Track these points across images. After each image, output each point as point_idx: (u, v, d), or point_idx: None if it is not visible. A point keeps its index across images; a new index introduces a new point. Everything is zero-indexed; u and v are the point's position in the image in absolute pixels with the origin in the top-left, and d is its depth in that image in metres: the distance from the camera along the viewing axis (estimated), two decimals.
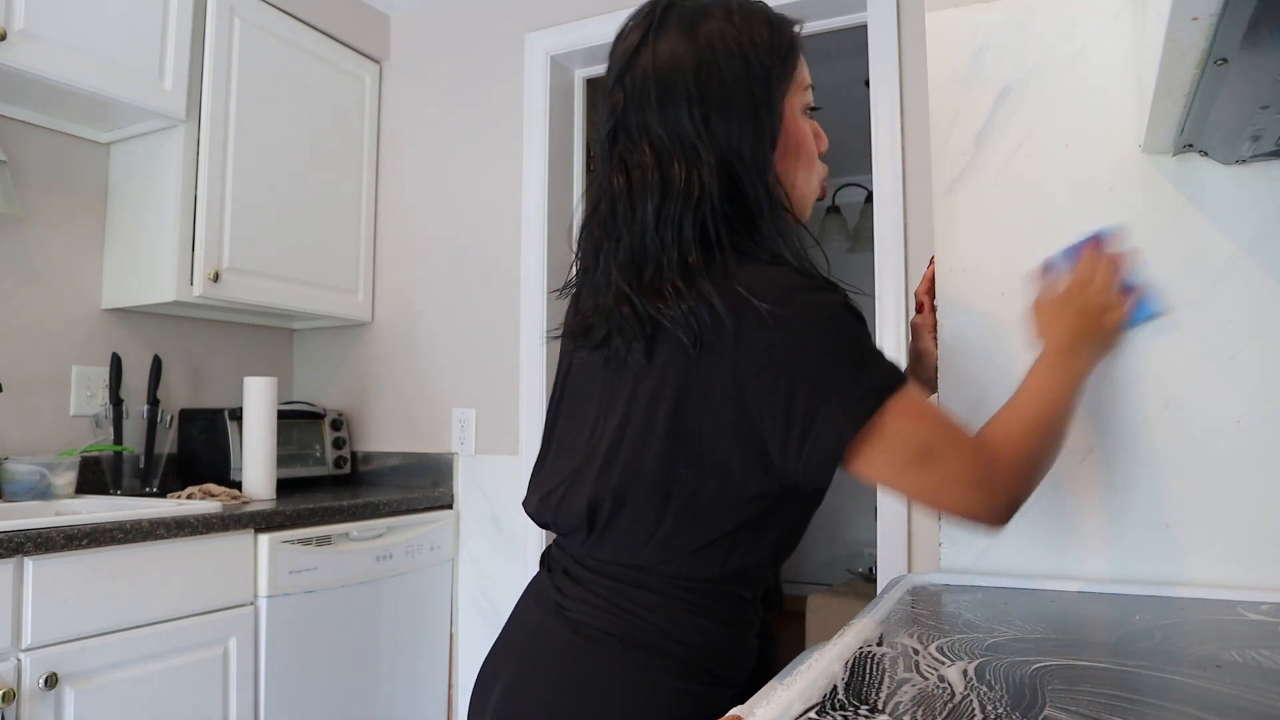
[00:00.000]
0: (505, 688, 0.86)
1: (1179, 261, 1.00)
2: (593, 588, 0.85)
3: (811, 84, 0.91)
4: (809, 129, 0.91)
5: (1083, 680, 0.61)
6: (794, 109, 0.88)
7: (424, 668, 2.32)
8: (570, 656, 0.83)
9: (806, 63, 0.90)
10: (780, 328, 0.76)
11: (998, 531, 0.85)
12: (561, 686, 0.83)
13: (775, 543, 0.87)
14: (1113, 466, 1.01)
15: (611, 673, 0.82)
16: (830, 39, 2.27)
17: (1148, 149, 1.00)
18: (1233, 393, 0.97)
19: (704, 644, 0.83)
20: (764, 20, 0.85)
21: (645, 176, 0.82)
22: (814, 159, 0.91)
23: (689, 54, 0.82)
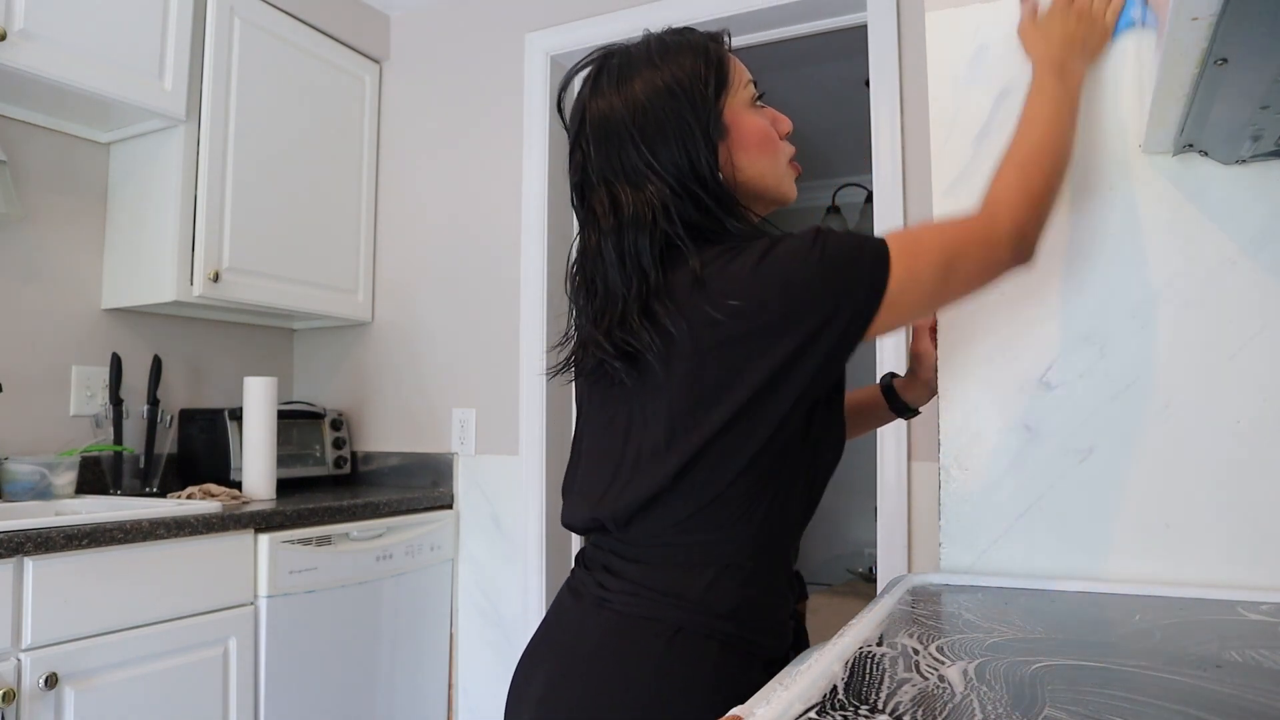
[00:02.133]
0: (548, 678, 0.89)
1: (1179, 261, 1.00)
2: (635, 578, 0.90)
3: (752, 78, 1.00)
4: (759, 119, 0.98)
5: (1083, 680, 0.61)
6: (736, 109, 0.96)
7: (424, 668, 2.32)
8: (614, 645, 0.87)
9: (739, 62, 1.00)
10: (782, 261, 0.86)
11: (1030, 262, 0.92)
12: (604, 674, 0.86)
13: (799, 498, 0.92)
14: (1113, 466, 1.01)
15: (654, 657, 0.86)
16: (830, 39, 2.27)
17: (1148, 149, 1.00)
18: (1233, 393, 0.97)
19: (745, 613, 0.88)
20: (687, 50, 0.96)
21: (605, 215, 0.93)
22: (769, 143, 0.98)
23: (624, 106, 0.93)
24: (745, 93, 0.98)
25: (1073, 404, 1.03)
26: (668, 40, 0.98)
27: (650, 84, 0.93)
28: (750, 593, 0.89)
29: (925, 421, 1.83)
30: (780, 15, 2.16)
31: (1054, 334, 1.05)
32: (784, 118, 1.03)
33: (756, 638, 0.89)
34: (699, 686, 0.85)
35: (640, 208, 0.90)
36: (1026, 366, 1.06)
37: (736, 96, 0.97)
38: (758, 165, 0.97)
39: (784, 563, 0.95)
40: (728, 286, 0.86)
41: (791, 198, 1.02)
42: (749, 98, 0.98)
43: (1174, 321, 1.00)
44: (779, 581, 0.93)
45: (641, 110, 0.92)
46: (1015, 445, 1.06)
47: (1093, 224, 1.04)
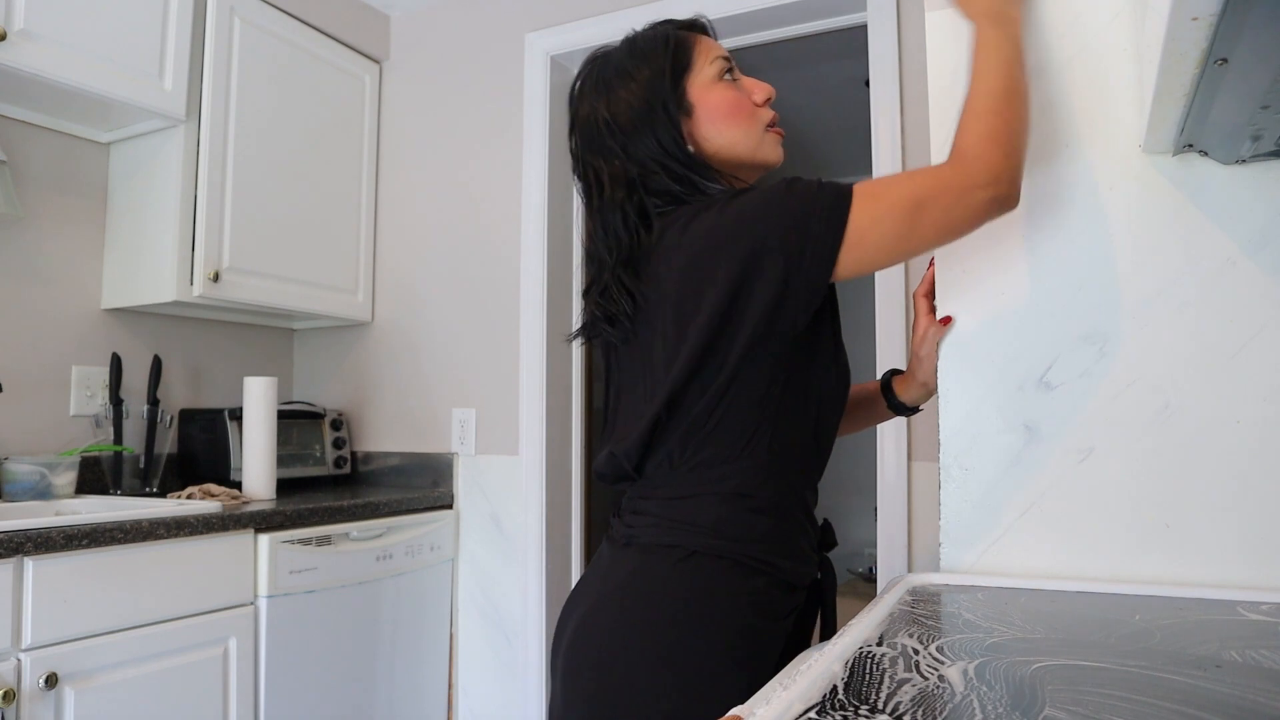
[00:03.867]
0: (580, 618, 0.97)
1: (1179, 261, 1.00)
2: (654, 512, 0.98)
3: (723, 54, 1.08)
4: (726, 92, 1.06)
5: (1083, 680, 0.61)
6: (702, 87, 1.06)
7: (424, 668, 2.32)
8: (638, 576, 0.95)
9: (708, 40, 1.09)
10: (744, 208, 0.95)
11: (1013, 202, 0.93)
12: (629, 603, 0.94)
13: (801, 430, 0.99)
14: (1113, 466, 1.01)
15: (677, 581, 0.93)
16: (830, 39, 2.27)
17: (1148, 149, 1.00)
18: (1233, 393, 0.97)
19: (757, 536, 0.95)
20: (652, 43, 1.08)
21: (593, 197, 1.06)
22: (735, 113, 1.06)
23: (602, 104, 1.06)
24: (711, 69, 1.06)
25: (1073, 404, 1.03)
26: (638, 38, 1.10)
27: (622, 82, 1.06)
28: (761, 519, 0.96)
29: (925, 421, 1.84)
30: (780, 15, 2.16)
31: (1054, 334, 1.05)
32: (761, 85, 1.09)
33: (771, 559, 0.95)
34: (716, 602, 0.92)
35: (614, 185, 1.04)
36: (1026, 366, 1.06)
37: (701, 74, 1.06)
38: (726, 135, 1.05)
39: (797, 496, 1.00)
40: (696, 230, 0.97)
41: (773, 161, 1.09)
42: (716, 73, 1.06)
43: (1174, 321, 1.00)
44: (793, 510, 0.99)
45: (614, 105, 1.05)
46: (1015, 445, 1.06)
47: (1093, 224, 1.04)
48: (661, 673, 0.90)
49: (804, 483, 1.02)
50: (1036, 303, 1.06)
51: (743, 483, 0.96)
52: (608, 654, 0.93)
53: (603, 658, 0.93)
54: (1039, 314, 1.06)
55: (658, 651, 0.91)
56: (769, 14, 2.15)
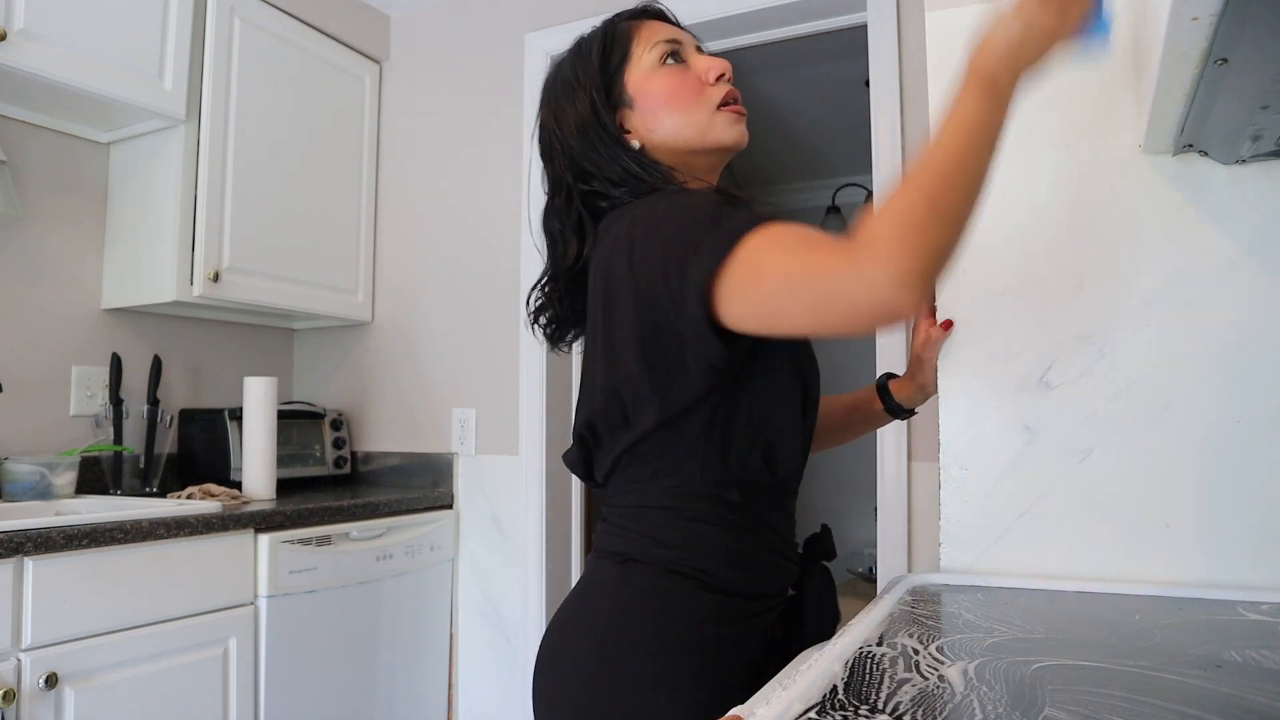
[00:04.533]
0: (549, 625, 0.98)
1: (1179, 261, 1.00)
2: (608, 517, 0.98)
3: (666, 39, 1.03)
4: (665, 79, 1.01)
5: (1083, 680, 0.61)
6: (641, 76, 1.01)
7: (424, 668, 2.32)
8: (587, 582, 0.96)
9: (650, 26, 1.04)
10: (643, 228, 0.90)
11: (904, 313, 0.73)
12: (572, 608, 0.95)
13: (747, 445, 0.93)
14: (1113, 466, 1.01)
15: (607, 585, 0.93)
16: (830, 39, 2.27)
17: (1148, 149, 1.00)
18: (1233, 393, 0.97)
19: (696, 544, 0.91)
20: (594, 37, 1.06)
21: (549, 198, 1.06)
22: (676, 98, 1.00)
23: (549, 110, 1.05)
24: (651, 55, 1.02)
25: (1073, 404, 1.03)
26: (581, 38, 1.08)
27: (564, 86, 1.04)
28: (696, 529, 0.91)
29: (925, 421, 1.84)
30: (780, 15, 2.16)
31: (1054, 334, 1.05)
32: (716, 61, 1.02)
33: (711, 568, 0.90)
34: (645, 612, 0.89)
35: (556, 191, 1.03)
36: (1026, 366, 1.06)
37: (640, 63, 1.02)
38: (668, 122, 1.00)
39: (749, 508, 0.93)
40: (608, 242, 0.94)
41: (729, 141, 1.01)
42: (656, 58, 1.01)
43: (1174, 321, 1.00)
44: (745, 521, 0.93)
45: (557, 110, 1.04)
46: (1015, 445, 1.06)
47: (1093, 224, 1.04)
48: (594, 680, 0.88)
49: (761, 497, 0.95)
50: (1036, 303, 1.06)
51: (671, 500, 0.92)
52: (551, 662, 0.93)
53: (547, 665, 0.93)
54: (1039, 314, 1.06)
55: (590, 657, 0.89)
56: (769, 14, 2.15)
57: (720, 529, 0.92)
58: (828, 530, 1.07)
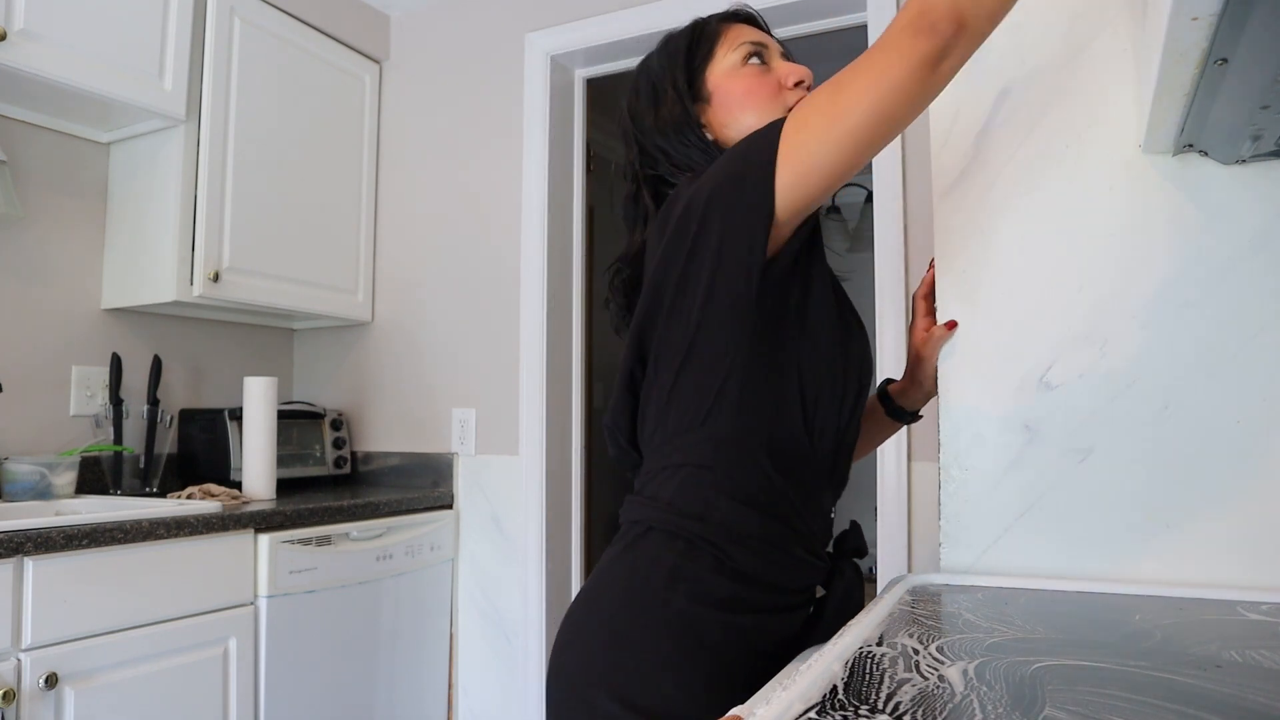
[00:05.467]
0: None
1: (1179, 261, 1.00)
2: (635, 489, 0.98)
3: (749, 40, 1.06)
4: (745, 78, 1.05)
5: (1083, 680, 0.61)
6: (722, 74, 1.05)
7: (424, 668, 2.32)
8: (606, 555, 0.96)
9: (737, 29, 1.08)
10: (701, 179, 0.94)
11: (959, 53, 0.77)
12: (594, 580, 0.94)
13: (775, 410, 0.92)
14: (1113, 466, 1.01)
15: (627, 554, 0.92)
16: (830, 39, 2.27)
17: (1148, 149, 1.00)
18: (1233, 393, 0.97)
19: (716, 517, 0.89)
20: (683, 32, 1.09)
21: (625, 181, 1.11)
22: (751, 96, 1.04)
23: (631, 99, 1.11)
24: (734, 56, 1.05)
25: (1073, 404, 1.03)
26: (670, 34, 1.11)
27: (646, 77, 1.10)
28: (722, 500, 0.90)
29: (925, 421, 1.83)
30: (780, 15, 2.16)
31: (1054, 334, 1.05)
32: (794, 69, 1.06)
33: (730, 551, 0.89)
34: (656, 589, 0.88)
35: (626, 178, 1.09)
36: (1026, 366, 1.06)
37: (723, 61, 1.06)
38: (742, 119, 1.03)
39: (781, 490, 0.92)
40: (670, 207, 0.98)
41: None
42: (739, 58, 1.05)
43: (1174, 321, 1.00)
44: (776, 503, 0.92)
45: (638, 100, 1.09)
46: (1015, 445, 1.06)
47: (1093, 224, 1.04)
48: (603, 655, 0.88)
49: (795, 479, 0.94)
50: (1036, 303, 1.06)
51: (704, 455, 0.91)
52: (566, 638, 0.93)
53: (562, 641, 0.93)
54: (1039, 314, 1.06)
55: (601, 634, 0.89)
56: (769, 14, 2.13)
57: (744, 505, 0.90)
58: (857, 526, 1.08)
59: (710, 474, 0.91)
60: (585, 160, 2.57)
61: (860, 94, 0.80)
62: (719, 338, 0.90)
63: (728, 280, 0.89)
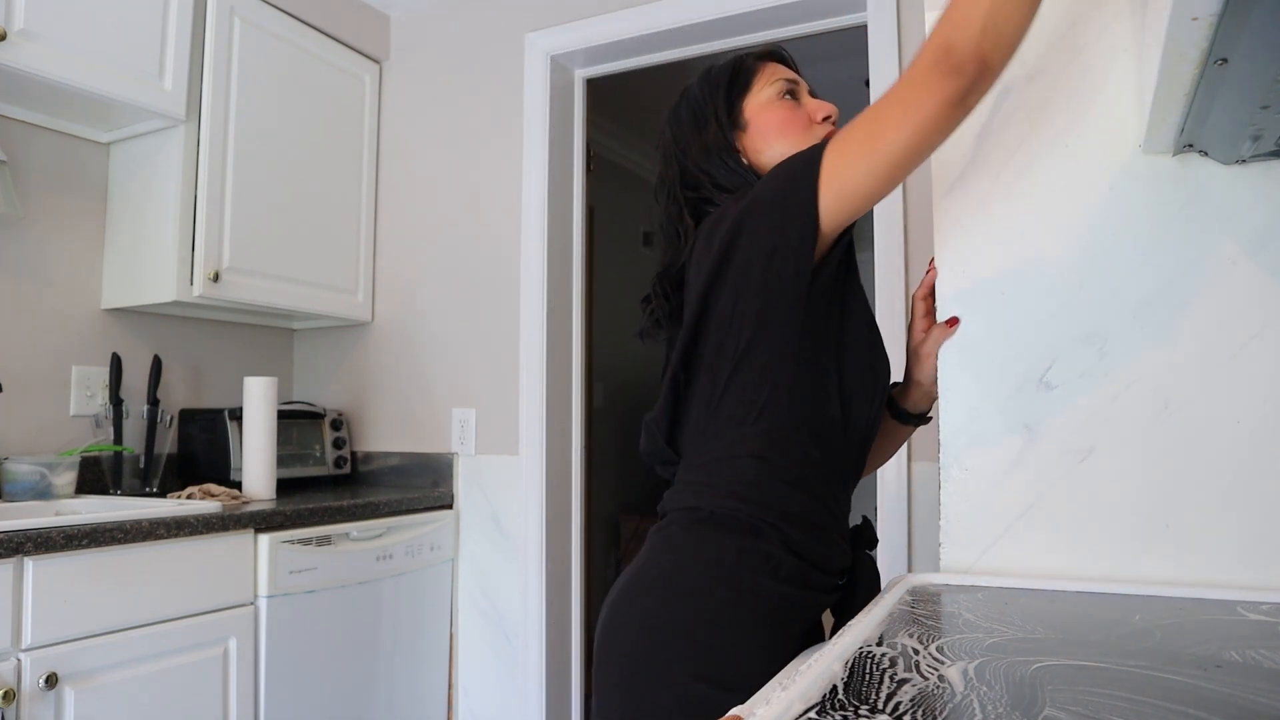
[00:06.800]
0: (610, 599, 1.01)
1: (1179, 261, 1.00)
2: (684, 479, 1.03)
3: (786, 78, 1.16)
4: (779, 111, 1.14)
5: (1083, 680, 0.61)
6: (758, 106, 1.14)
7: (424, 668, 2.32)
8: (661, 542, 1.01)
9: (775, 66, 1.17)
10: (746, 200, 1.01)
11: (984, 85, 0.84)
12: (641, 565, 1.00)
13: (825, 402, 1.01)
14: (1113, 466, 1.01)
15: (679, 538, 0.98)
16: (830, 39, 2.27)
17: (1148, 149, 1.00)
18: (1233, 393, 0.97)
19: (777, 506, 0.96)
20: (725, 66, 1.18)
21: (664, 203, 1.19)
22: (784, 129, 1.12)
23: (670, 125, 1.20)
24: (771, 89, 1.15)
25: (1073, 404, 1.03)
26: (711, 67, 1.20)
27: (687, 104, 1.18)
28: (778, 484, 0.97)
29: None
30: (780, 15, 2.16)
31: (1054, 334, 1.05)
32: (824, 105, 1.16)
33: (786, 528, 0.95)
34: (731, 558, 0.94)
35: (666, 196, 1.16)
36: (1026, 366, 1.06)
37: (760, 94, 1.15)
38: (775, 148, 1.11)
39: (823, 477, 1.01)
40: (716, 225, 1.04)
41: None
42: (775, 93, 1.15)
43: (1174, 321, 1.00)
44: (817, 488, 1.00)
45: (678, 124, 1.18)
46: (1015, 445, 1.06)
47: (1092, 224, 1.04)
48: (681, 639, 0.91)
49: (832, 465, 1.02)
50: (1036, 303, 1.06)
51: (761, 446, 0.98)
52: (630, 630, 0.95)
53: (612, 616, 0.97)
54: (1039, 314, 1.06)
55: (653, 606, 0.94)
56: (769, 14, 2.15)
57: (797, 490, 0.98)
58: (868, 521, 1.14)
59: (766, 464, 0.98)
60: (585, 160, 2.57)
61: (895, 128, 0.87)
62: (773, 340, 0.98)
63: (779, 287, 0.97)
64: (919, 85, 0.85)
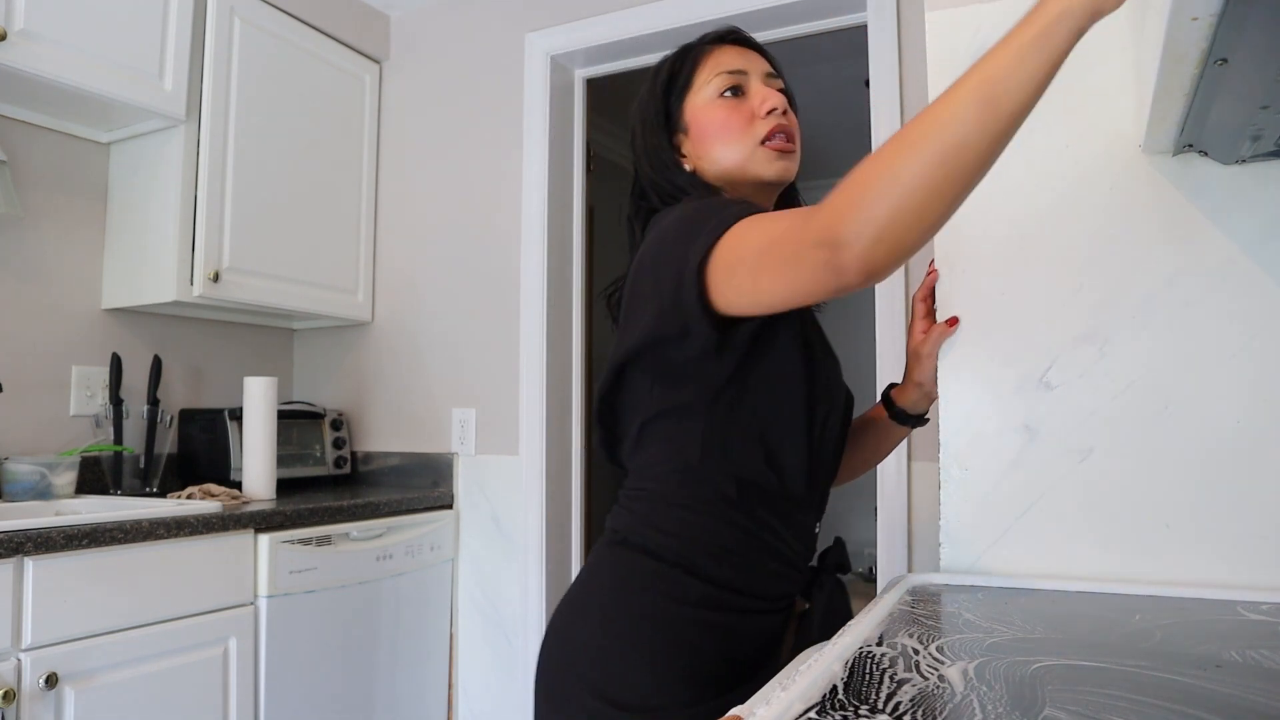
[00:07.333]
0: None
1: (1179, 261, 1.00)
2: (622, 501, 1.02)
3: (730, 69, 1.05)
4: (718, 110, 1.04)
5: (1083, 680, 0.61)
6: (699, 106, 1.05)
7: (424, 668, 2.32)
8: (590, 561, 1.02)
9: (717, 57, 1.06)
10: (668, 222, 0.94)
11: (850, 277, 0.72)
12: (576, 586, 1.00)
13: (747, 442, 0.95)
14: (1113, 466, 1.01)
15: (608, 564, 0.98)
16: (830, 39, 2.27)
17: (1148, 149, 1.00)
18: (1233, 393, 0.97)
19: (686, 535, 0.94)
20: (667, 66, 1.10)
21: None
22: (724, 130, 1.03)
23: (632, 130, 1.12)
24: (710, 87, 1.05)
25: (1073, 404, 1.03)
26: (660, 62, 1.12)
27: (638, 105, 1.11)
28: (692, 517, 0.95)
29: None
30: (780, 15, 2.16)
31: (1054, 334, 1.05)
32: (768, 96, 1.04)
33: (697, 560, 0.93)
34: (639, 589, 0.93)
35: (630, 198, 1.10)
36: (1026, 366, 1.06)
37: (700, 94, 1.06)
38: (715, 152, 1.04)
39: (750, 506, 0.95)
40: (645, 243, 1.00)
41: (767, 176, 1.03)
42: (715, 90, 1.05)
43: (1174, 321, 1.00)
44: (741, 519, 0.95)
45: (634, 126, 1.11)
46: (1015, 445, 1.06)
47: (1093, 224, 1.04)
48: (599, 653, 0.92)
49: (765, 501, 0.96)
50: (1036, 303, 1.06)
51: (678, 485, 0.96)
52: (554, 642, 0.97)
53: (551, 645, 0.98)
54: (1039, 314, 1.06)
55: (596, 633, 0.93)
56: (769, 14, 2.15)
57: (712, 520, 0.95)
58: (841, 543, 1.09)
59: (680, 501, 0.96)
60: (585, 160, 2.57)
61: (776, 279, 0.80)
62: (682, 395, 0.95)
63: (689, 351, 0.91)
64: (802, 253, 0.75)
